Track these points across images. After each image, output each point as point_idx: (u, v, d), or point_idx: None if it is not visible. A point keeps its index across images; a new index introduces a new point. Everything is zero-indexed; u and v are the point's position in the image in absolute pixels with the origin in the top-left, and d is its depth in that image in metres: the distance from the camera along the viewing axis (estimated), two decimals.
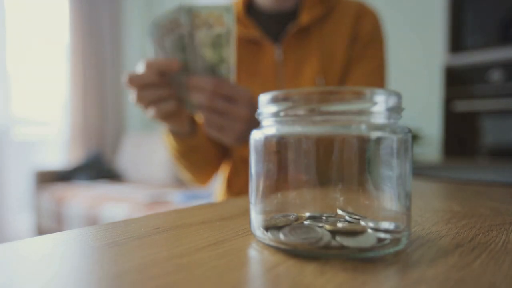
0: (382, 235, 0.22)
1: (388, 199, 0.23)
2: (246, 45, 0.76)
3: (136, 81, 0.52)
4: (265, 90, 0.77)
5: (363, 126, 0.22)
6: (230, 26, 0.49)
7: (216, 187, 0.85)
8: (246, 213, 0.35)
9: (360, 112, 0.22)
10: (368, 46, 0.74)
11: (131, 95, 0.55)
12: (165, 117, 0.57)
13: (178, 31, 0.51)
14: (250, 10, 0.79)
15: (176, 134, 0.67)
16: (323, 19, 0.74)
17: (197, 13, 0.48)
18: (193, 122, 0.68)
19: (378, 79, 0.74)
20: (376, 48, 0.75)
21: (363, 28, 0.74)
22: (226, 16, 0.48)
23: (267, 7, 0.77)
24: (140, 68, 0.53)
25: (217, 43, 0.50)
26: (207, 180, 0.80)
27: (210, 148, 0.73)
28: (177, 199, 1.92)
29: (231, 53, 0.51)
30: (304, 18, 0.72)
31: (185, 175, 0.79)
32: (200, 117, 0.60)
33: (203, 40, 0.50)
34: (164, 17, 0.50)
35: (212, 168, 0.78)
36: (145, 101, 0.53)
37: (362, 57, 0.73)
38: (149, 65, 0.52)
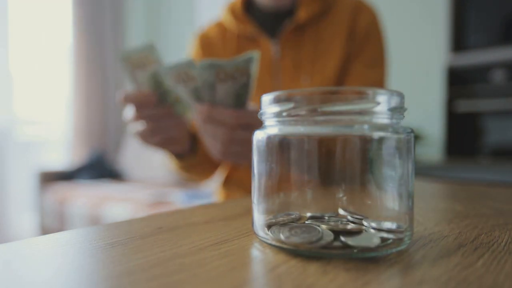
0: (384, 235, 0.22)
1: (391, 199, 0.23)
2: (243, 41, 0.78)
3: (133, 99, 0.53)
4: (262, 86, 0.78)
5: (366, 126, 0.22)
6: (253, 71, 0.48)
7: (217, 182, 0.86)
8: (248, 212, 0.35)
9: (363, 112, 0.22)
10: (365, 40, 0.75)
11: (129, 122, 0.56)
12: (168, 143, 0.59)
13: (150, 68, 0.51)
14: (249, 8, 0.81)
15: (177, 155, 0.68)
16: (320, 17, 0.75)
17: (220, 69, 0.47)
18: (193, 140, 0.69)
19: (376, 73, 0.75)
20: (373, 43, 0.75)
21: (359, 24, 0.75)
22: (251, 65, 0.47)
23: (265, 6, 0.78)
24: (118, 100, 0.54)
25: (241, 93, 0.49)
26: (209, 178, 0.81)
27: (211, 158, 0.74)
28: (179, 199, 1.92)
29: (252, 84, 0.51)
30: (302, 15, 0.73)
31: (187, 178, 0.80)
32: (196, 125, 0.61)
33: (227, 91, 0.49)
34: (134, 52, 0.50)
35: (214, 168, 0.79)
36: (144, 120, 0.55)
37: (359, 52, 0.74)
38: (127, 98, 0.53)
